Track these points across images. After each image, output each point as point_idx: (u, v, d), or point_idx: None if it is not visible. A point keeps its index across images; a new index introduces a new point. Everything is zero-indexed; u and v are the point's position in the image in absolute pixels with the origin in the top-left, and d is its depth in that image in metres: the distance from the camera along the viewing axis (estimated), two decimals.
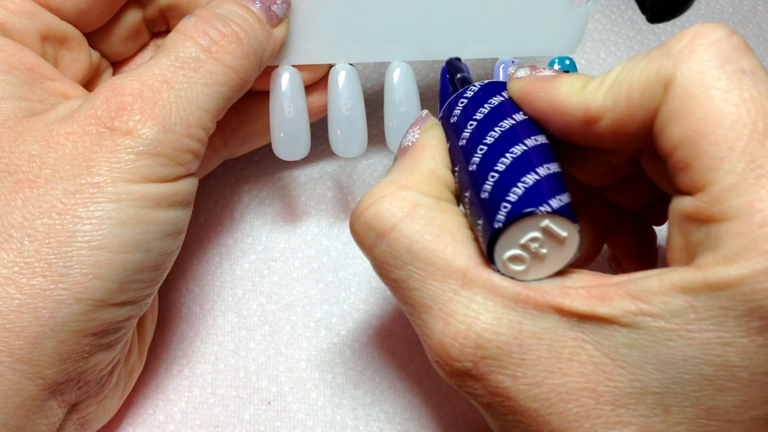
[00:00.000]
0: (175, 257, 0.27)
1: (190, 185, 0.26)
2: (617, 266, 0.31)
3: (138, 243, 0.24)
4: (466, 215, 0.23)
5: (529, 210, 0.21)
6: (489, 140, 0.23)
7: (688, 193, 0.20)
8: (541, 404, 0.20)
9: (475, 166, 0.22)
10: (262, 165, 0.37)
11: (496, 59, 0.32)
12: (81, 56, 0.29)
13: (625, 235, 0.30)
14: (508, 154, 0.22)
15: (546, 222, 0.21)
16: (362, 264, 0.34)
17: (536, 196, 0.21)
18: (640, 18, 0.42)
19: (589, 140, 0.23)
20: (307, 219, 0.35)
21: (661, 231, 0.30)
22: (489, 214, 0.21)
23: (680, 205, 0.20)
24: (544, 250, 0.21)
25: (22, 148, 0.24)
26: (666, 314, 0.19)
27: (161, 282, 0.27)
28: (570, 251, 0.22)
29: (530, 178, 0.21)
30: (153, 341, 0.32)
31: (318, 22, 0.30)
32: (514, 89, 0.24)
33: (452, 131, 0.24)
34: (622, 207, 0.29)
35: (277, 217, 0.36)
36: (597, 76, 0.23)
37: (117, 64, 0.32)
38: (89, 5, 0.28)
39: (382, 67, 0.32)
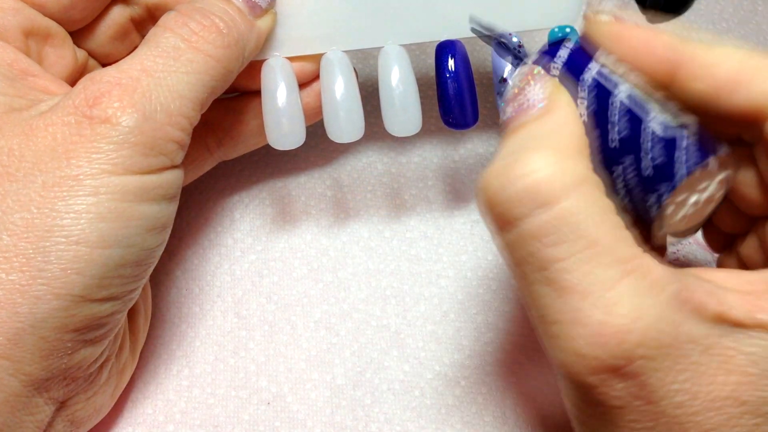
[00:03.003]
0: (160, 252, 0.26)
1: (174, 178, 0.25)
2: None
3: (118, 238, 0.23)
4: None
5: (700, 163, 0.20)
6: (613, 117, 0.21)
7: None
8: (683, 411, 0.19)
9: (617, 144, 0.21)
10: (262, 165, 0.36)
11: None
12: (66, 53, 0.28)
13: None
14: (645, 130, 0.21)
15: (714, 170, 0.20)
16: (362, 264, 0.34)
17: (707, 139, 0.20)
18: (640, 18, 0.42)
19: (674, 97, 0.22)
20: (306, 219, 0.35)
21: None
22: (657, 175, 0.20)
23: None
24: (702, 200, 0.21)
25: (2, 143, 0.23)
26: None
27: (146, 277, 0.26)
28: (717, 201, 0.21)
29: (689, 133, 0.20)
30: (152, 341, 0.32)
31: (307, 11, 0.29)
32: (603, 30, 0.23)
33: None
34: None
35: (277, 217, 0.35)
36: (699, 41, 0.22)
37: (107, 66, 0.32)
38: (72, 2, 0.27)
39: (370, 58, 0.32)
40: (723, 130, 0.22)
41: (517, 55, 0.25)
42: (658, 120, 0.21)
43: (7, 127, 0.24)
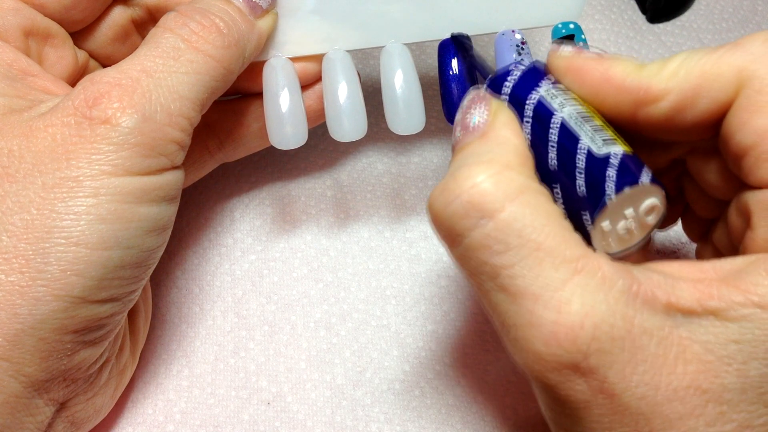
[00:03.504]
0: (160, 253, 0.26)
1: (174, 179, 0.25)
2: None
3: (118, 239, 0.23)
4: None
5: (629, 185, 0.21)
6: (552, 138, 0.22)
7: None
8: (645, 403, 0.19)
9: (554, 166, 0.22)
10: (262, 165, 0.36)
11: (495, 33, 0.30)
12: (66, 54, 0.28)
13: None
14: (579, 152, 0.22)
15: (642, 194, 0.21)
16: (362, 263, 0.34)
17: (630, 172, 0.21)
18: (640, 18, 0.42)
19: (637, 122, 0.23)
20: (306, 219, 0.35)
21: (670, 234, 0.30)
22: (589, 195, 0.21)
23: None
24: (634, 224, 0.22)
25: (2, 144, 0.23)
26: None
27: (146, 278, 0.26)
28: (652, 229, 0.22)
29: (615, 160, 0.21)
30: (152, 341, 0.32)
31: (308, 11, 0.29)
32: (561, 65, 0.23)
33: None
34: None
35: (277, 216, 0.35)
36: (652, 61, 0.23)
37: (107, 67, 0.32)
38: (73, 2, 0.27)
39: (370, 58, 0.32)
40: (684, 138, 0.23)
41: (486, 76, 0.26)
42: (588, 146, 0.22)
43: (6, 128, 0.23)
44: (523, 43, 0.29)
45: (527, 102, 0.23)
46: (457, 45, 0.29)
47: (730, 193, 0.23)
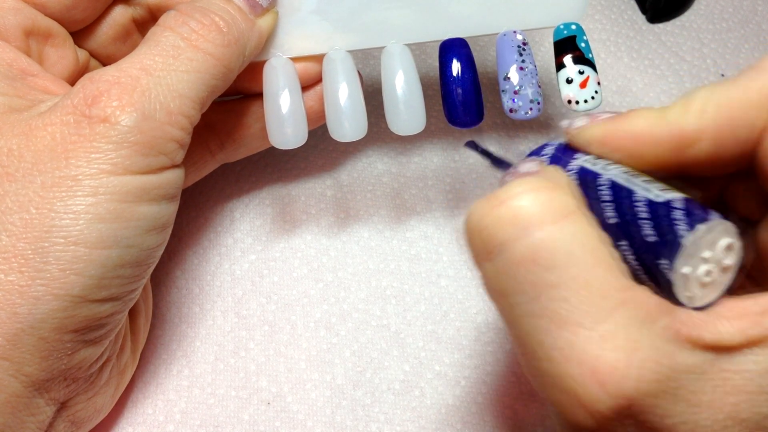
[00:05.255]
0: (160, 252, 0.26)
1: (174, 178, 0.25)
2: None
3: (117, 238, 0.23)
4: None
5: (701, 222, 0.20)
6: (605, 197, 0.21)
7: None
8: None
9: (614, 220, 0.21)
10: (262, 164, 0.36)
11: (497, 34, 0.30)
12: (67, 53, 0.28)
13: None
14: (638, 202, 0.21)
15: (715, 233, 0.20)
16: (362, 263, 0.34)
17: (697, 211, 0.20)
18: (640, 18, 0.42)
19: (680, 167, 0.22)
20: (306, 218, 0.35)
21: None
22: (662, 240, 0.20)
23: None
24: (714, 270, 0.20)
25: (1, 143, 0.23)
26: None
27: (147, 277, 0.26)
28: (734, 270, 0.21)
29: (679, 203, 0.20)
30: (153, 341, 0.32)
31: (309, 11, 0.29)
32: (585, 138, 0.22)
33: None
34: None
35: (277, 216, 0.35)
36: (667, 105, 0.22)
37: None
38: (74, 2, 0.27)
39: (370, 58, 0.32)
40: (730, 170, 0.22)
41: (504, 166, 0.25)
42: (645, 196, 0.21)
43: (6, 127, 0.23)
44: (524, 44, 0.29)
45: (569, 170, 0.22)
46: (475, 151, 0.27)
47: (763, 215, 0.23)
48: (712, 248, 0.20)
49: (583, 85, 0.29)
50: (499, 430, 0.30)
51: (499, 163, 0.25)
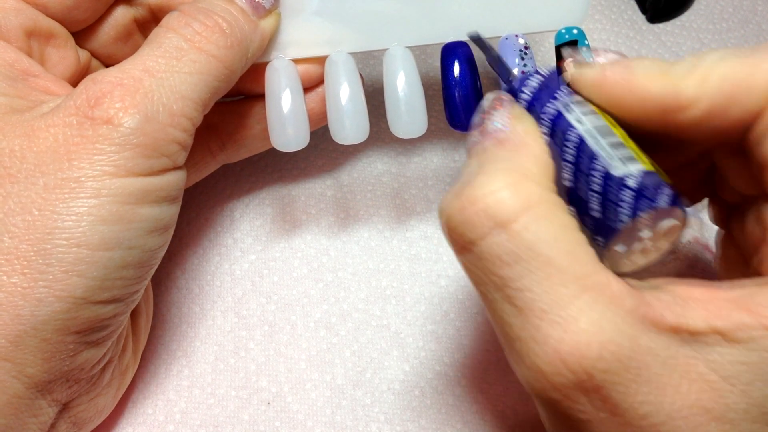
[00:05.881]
0: (162, 253, 0.26)
1: (176, 179, 0.25)
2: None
3: (120, 240, 0.23)
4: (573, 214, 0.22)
5: (644, 210, 0.20)
6: (569, 156, 0.22)
7: None
8: (649, 422, 0.19)
9: (570, 183, 0.22)
10: (262, 164, 0.36)
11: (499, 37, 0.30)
12: (68, 54, 0.28)
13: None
14: (596, 172, 0.21)
15: (659, 217, 0.21)
16: (362, 263, 0.34)
17: (646, 195, 0.20)
18: (640, 18, 0.42)
19: (666, 128, 0.22)
20: (306, 218, 0.35)
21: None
22: (604, 218, 0.21)
23: None
24: (650, 244, 0.21)
25: (3, 144, 0.23)
26: None
27: (149, 278, 0.26)
28: (670, 248, 0.21)
29: (633, 182, 0.21)
30: (153, 341, 0.32)
31: (311, 13, 0.29)
32: (580, 78, 0.23)
33: None
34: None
35: (277, 216, 0.35)
36: (675, 61, 0.22)
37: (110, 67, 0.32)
38: (75, 2, 0.27)
39: (370, 58, 0.32)
40: (711, 140, 0.22)
41: (508, 80, 0.25)
42: (605, 166, 0.21)
43: (8, 128, 0.23)
44: (526, 47, 0.30)
45: (544, 114, 0.23)
46: (478, 45, 0.27)
47: (755, 191, 0.23)
48: (652, 229, 0.21)
49: None
50: (499, 430, 0.30)
51: (498, 65, 0.26)
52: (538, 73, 0.24)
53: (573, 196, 0.22)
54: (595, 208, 0.21)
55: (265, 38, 0.28)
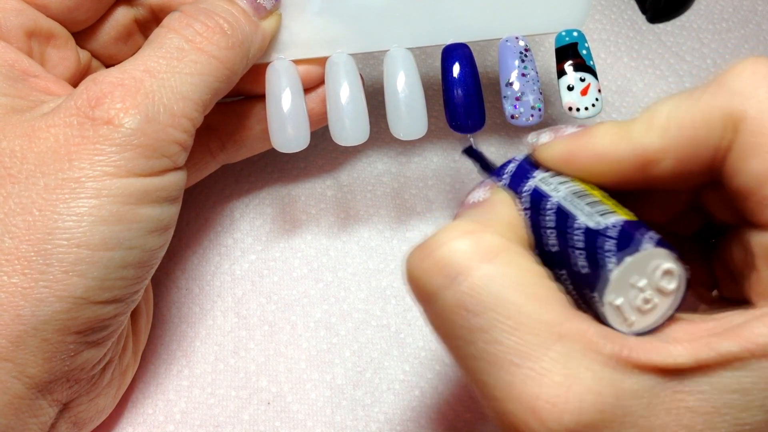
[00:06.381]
0: (162, 253, 0.26)
1: (177, 180, 0.25)
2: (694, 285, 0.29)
3: (120, 240, 0.23)
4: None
5: (630, 254, 0.20)
6: (549, 223, 0.22)
7: None
8: None
9: (556, 248, 0.22)
10: (262, 164, 0.36)
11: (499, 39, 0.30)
12: (69, 54, 0.28)
13: (693, 258, 0.27)
14: (576, 230, 0.21)
15: (649, 261, 0.20)
16: (362, 263, 0.34)
17: (629, 240, 0.20)
18: (640, 18, 0.42)
19: (644, 184, 0.22)
20: (306, 218, 0.35)
21: None
22: (592, 273, 0.20)
23: None
24: (654, 297, 0.20)
25: (4, 144, 0.23)
26: None
27: (149, 278, 0.26)
28: (679, 294, 0.21)
29: (614, 231, 0.20)
30: (152, 341, 0.32)
31: (312, 14, 0.29)
32: (548, 157, 0.23)
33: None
34: (680, 234, 0.27)
35: (277, 216, 0.35)
36: (631, 120, 0.22)
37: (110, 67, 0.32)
38: (76, 3, 0.27)
39: (370, 59, 0.32)
40: (696, 183, 0.22)
41: (489, 169, 0.26)
42: (584, 222, 0.21)
43: (8, 128, 0.23)
44: (526, 50, 0.30)
45: (523, 192, 0.23)
46: (472, 156, 0.28)
47: (736, 220, 0.23)
48: (646, 275, 0.20)
49: (584, 92, 0.29)
50: (500, 429, 0.30)
51: (487, 169, 0.26)
52: (515, 158, 0.24)
53: (559, 259, 0.22)
54: (583, 264, 0.21)
55: (266, 39, 0.28)
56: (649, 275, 0.20)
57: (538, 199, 0.23)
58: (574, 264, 0.21)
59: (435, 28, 0.30)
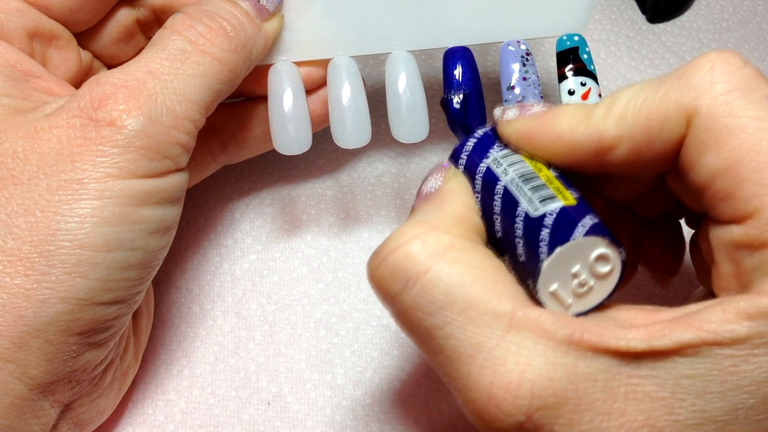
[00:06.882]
0: (164, 254, 0.26)
1: (179, 181, 0.25)
2: (655, 269, 0.29)
3: (122, 242, 0.23)
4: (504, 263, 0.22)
5: (560, 244, 0.20)
6: (497, 208, 0.22)
7: (733, 221, 0.20)
8: None
9: (500, 234, 0.22)
10: (262, 165, 0.36)
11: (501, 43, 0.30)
12: (70, 55, 0.28)
13: (657, 241, 0.28)
14: (518, 217, 0.21)
15: (582, 248, 0.21)
16: (362, 264, 0.34)
17: (563, 230, 0.21)
18: (640, 18, 0.42)
19: (600, 168, 0.22)
20: (306, 218, 0.35)
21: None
22: (528, 262, 0.21)
23: (728, 234, 0.20)
24: (590, 280, 0.21)
25: (6, 145, 0.23)
26: (731, 341, 0.18)
27: (151, 279, 0.26)
28: (614, 276, 0.21)
29: (550, 219, 0.21)
30: (153, 341, 0.32)
31: (314, 16, 0.29)
32: (510, 133, 0.23)
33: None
34: (647, 216, 0.28)
35: (277, 216, 0.35)
36: (596, 103, 0.22)
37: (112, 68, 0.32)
38: (78, 4, 0.27)
39: (374, 61, 0.32)
40: (652, 171, 0.23)
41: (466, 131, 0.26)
42: (525, 210, 0.21)
43: (11, 129, 0.24)
44: (527, 54, 0.30)
45: (477, 174, 0.23)
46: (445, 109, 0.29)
47: (701, 209, 0.23)
48: (580, 261, 0.21)
49: (584, 97, 0.30)
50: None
51: (454, 130, 0.27)
52: (473, 135, 0.25)
53: (505, 246, 0.22)
54: (521, 252, 0.21)
55: (269, 41, 0.28)
56: (583, 260, 0.21)
57: (489, 181, 0.23)
58: (515, 251, 0.22)
59: (437, 31, 0.30)
